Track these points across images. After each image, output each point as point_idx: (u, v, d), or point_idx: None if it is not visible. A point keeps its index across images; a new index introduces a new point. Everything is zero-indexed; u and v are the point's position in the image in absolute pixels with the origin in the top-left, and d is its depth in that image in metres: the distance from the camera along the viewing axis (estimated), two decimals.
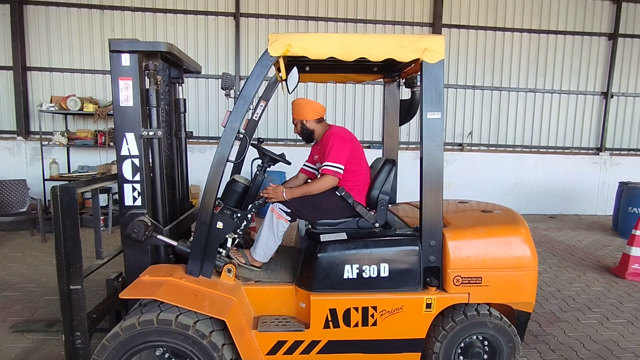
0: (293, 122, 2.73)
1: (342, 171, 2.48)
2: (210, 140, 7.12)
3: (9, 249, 4.85)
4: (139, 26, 6.85)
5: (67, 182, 6.08)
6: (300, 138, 2.77)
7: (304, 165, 2.91)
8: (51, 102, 6.18)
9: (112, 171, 5.99)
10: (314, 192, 2.48)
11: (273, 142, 7.18)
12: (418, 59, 2.23)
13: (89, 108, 6.15)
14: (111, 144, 6.23)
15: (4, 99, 6.78)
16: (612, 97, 7.84)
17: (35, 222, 5.31)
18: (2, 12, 6.55)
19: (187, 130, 2.89)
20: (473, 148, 7.75)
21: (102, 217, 5.52)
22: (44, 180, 6.07)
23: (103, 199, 5.64)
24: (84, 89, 6.86)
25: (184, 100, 2.83)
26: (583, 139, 7.99)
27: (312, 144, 2.82)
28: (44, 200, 5.75)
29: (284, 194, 2.47)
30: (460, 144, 7.70)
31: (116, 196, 6.18)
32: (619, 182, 6.58)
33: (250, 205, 2.49)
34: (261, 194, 2.54)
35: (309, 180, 2.85)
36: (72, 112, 6.23)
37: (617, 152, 8.02)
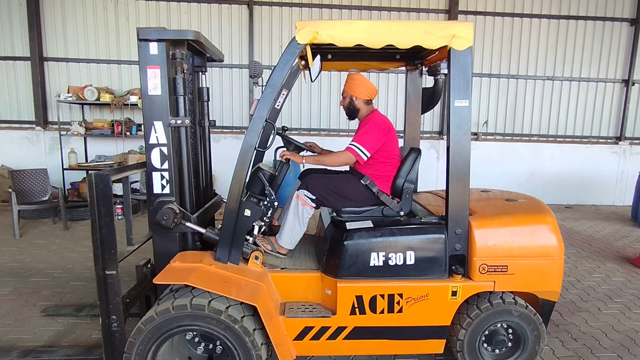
0: (342, 95, 2.75)
1: (364, 157, 2.48)
2: (224, 130, 7.14)
3: (33, 237, 4.97)
4: (153, 16, 6.85)
5: (86, 169, 6.12)
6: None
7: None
8: (68, 92, 6.24)
9: (128, 161, 6.07)
10: (327, 163, 2.52)
11: (296, 132, 7.17)
12: (445, 46, 2.20)
13: (106, 98, 6.21)
14: (127, 133, 6.29)
15: (22, 89, 6.88)
16: (633, 84, 7.64)
17: (57, 211, 5.42)
18: (18, 3, 6.60)
19: (209, 119, 2.91)
20: (488, 137, 7.66)
21: (120, 206, 5.62)
22: (63, 169, 6.19)
23: (119, 188, 5.69)
24: (100, 79, 6.91)
25: (207, 88, 2.84)
26: (602, 128, 7.82)
27: (353, 121, 2.83)
28: (63, 189, 5.86)
29: (303, 158, 2.52)
30: (475, 133, 7.60)
31: (135, 185, 6.28)
32: (639, 172, 6.46)
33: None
34: (281, 154, 2.57)
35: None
36: (89, 102, 6.29)
37: (638, 141, 7.85)
